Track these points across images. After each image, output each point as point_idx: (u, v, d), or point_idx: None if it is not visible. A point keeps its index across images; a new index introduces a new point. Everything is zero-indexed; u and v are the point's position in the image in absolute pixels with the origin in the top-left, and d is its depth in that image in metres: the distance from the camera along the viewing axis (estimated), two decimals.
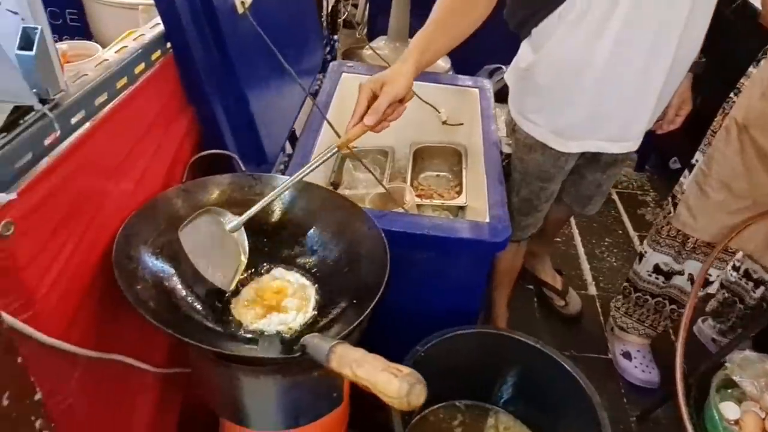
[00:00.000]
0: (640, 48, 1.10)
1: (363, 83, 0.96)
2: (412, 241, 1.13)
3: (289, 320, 0.80)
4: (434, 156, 1.79)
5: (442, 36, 1.04)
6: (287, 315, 0.81)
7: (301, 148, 1.30)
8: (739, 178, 1.31)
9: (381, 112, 0.92)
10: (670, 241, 1.54)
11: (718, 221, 1.37)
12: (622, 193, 2.50)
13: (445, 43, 1.05)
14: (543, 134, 1.27)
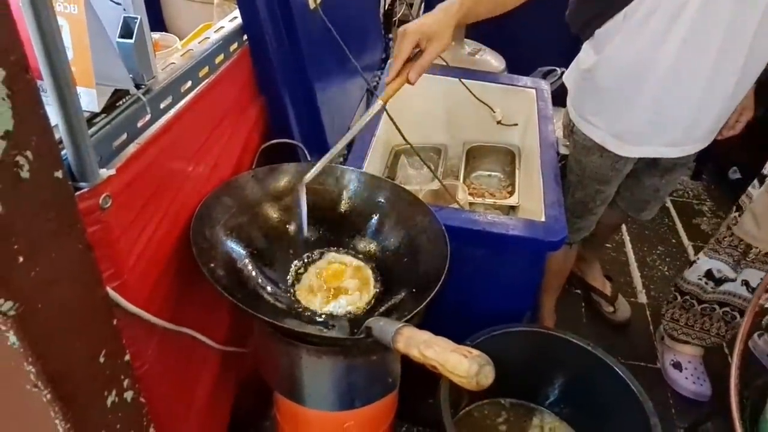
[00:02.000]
0: (708, 51, 1.08)
1: (407, 30, 0.92)
2: (467, 237, 1.14)
3: (356, 300, 0.83)
4: (487, 155, 1.79)
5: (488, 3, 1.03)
6: (352, 296, 0.84)
7: (360, 142, 1.33)
8: None
9: (427, 68, 0.92)
10: (731, 250, 1.50)
11: None
12: (676, 201, 2.44)
13: (490, 6, 1.04)
14: (602, 137, 1.26)
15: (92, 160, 0.60)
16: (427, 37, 0.91)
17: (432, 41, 0.92)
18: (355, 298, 0.84)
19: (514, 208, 1.56)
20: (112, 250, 0.67)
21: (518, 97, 1.72)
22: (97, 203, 0.62)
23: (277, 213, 0.96)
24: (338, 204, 0.98)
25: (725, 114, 1.23)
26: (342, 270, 0.93)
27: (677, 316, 1.66)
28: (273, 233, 0.94)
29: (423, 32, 0.92)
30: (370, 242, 0.97)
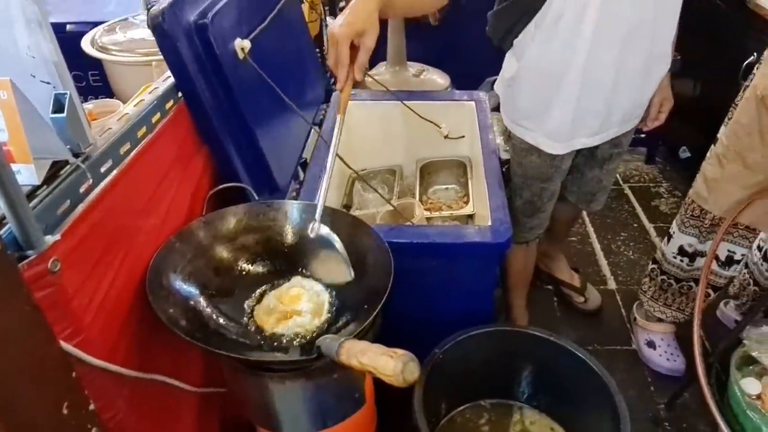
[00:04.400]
0: (613, 48, 1.17)
1: (338, 35, 0.92)
2: (420, 250, 1.20)
3: (306, 323, 0.88)
4: (441, 170, 1.87)
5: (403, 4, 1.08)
6: (303, 318, 0.89)
7: (312, 175, 1.39)
8: (755, 149, 1.33)
9: (366, 64, 0.95)
10: (694, 221, 1.54)
11: (730, 195, 1.40)
12: (634, 187, 2.53)
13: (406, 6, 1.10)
14: (535, 138, 1.34)
15: (36, 229, 0.66)
16: (358, 34, 0.93)
17: (364, 36, 0.94)
18: (305, 320, 0.89)
19: (472, 217, 1.62)
20: (67, 309, 0.72)
21: (460, 110, 1.80)
22: (45, 268, 0.67)
23: (231, 253, 1.01)
24: (286, 236, 1.04)
25: (637, 102, 1.32)
26: (300, 294, 0.98)
27: (657, 296, 1.71)
28: (228, 272, 1.00)
29: (353, 30, 0.93)
30: None
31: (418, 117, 1.75)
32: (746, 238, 1.49)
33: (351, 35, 0.93)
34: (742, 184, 1.36)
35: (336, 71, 0.95)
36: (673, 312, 1.68)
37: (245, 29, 1.19)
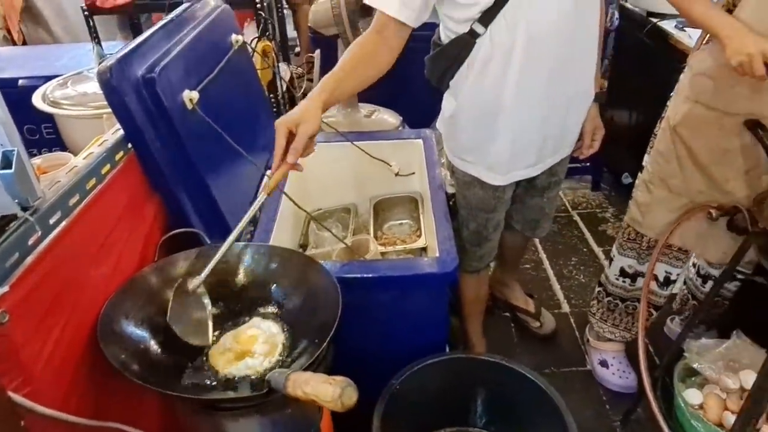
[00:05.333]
0: (539, 85, 1.26)
1: (278, 123, 1.04)
2: (372, 284, 1.25)
3: (257, 364, 0.91)
4: (394, 206, 1.93)
5: (350, 80, 1.20)
6: (255, 360, 0.92)
7: (266, 216, 1.43)
8: (675, 176, 1.44)
9: (301, 149, 1.04)
10: (631, 243, 1.64)
11: (661, 218, 1.50)
12: (582, 213, 2.65)
13: (351, 87, 1.22)
14: (477, 171, 1.42)
15: None
16: (295, 123, 1.04)
17: (301, 125, 1.04)
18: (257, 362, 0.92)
19: (425, 249, 1.68)
20: (16, 360, 0.73)
21: (409, 148, 1.88)
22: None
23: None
24: (237, 278, 1.07)
25: (568, 133, 1.42)
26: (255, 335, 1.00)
27: (605, 317, 1.79)
28: None
29: (292, 120, 1.04)
30: (273, 307, 1.05)
31: (369, 156, 1.82)
32: (680, 259, 1.59)
33: (288, 124, 1.04)
34: (669, 208, 1.46)
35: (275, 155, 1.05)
36: (621, 332, 1.76)
37: (194, 80, 1.25)
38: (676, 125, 1.39)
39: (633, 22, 2.43)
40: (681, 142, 1.39)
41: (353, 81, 1.22)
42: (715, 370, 1.41)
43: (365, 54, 1.22)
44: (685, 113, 1.37)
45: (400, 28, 1.22)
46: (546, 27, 1.20)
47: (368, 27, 1.26)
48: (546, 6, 1.19)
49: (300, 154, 1.05)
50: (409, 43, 1.40)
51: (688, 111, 1.36)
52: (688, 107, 1.36)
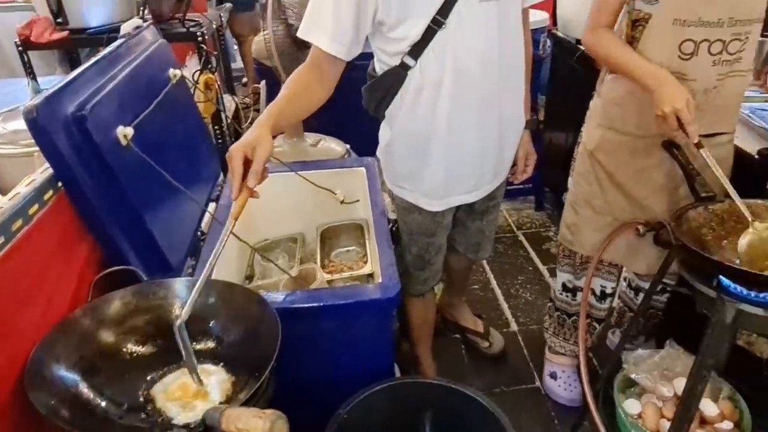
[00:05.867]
0: (470, 114, 1.32)
1: (232, 151, 1.04)
2: (316, 313, 1.25)
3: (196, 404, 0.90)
4: (341, 233, 1.95)
5: (291, 110, 1.23)
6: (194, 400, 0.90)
7: (206, 251, 1.42)
8: (597, 196, 1.54)
9: (260, 173, 1.04)
10: (567, 259, 1.72)
11: (590, 236, 1.58)
12: (527, 233, 2.73)
13: (293, 115, 1.27)
14: (414, 198, 1.46)
15: None
16: (250, 148, 1.04)
17: (256, 149, 1.04)
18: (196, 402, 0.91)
19: (372, 275, 1.70)
20: None
21: (353, 176, 1.91)
22: None
23: (119, 336, 1.02)
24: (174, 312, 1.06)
25: (503, 160, 1.48)
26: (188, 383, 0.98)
27: (557, 332, 1.84)
28: (117, 357, 0.99)
29: (247, 144, 1.04)
30: (213, 342, 1.04)
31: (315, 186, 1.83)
32: (612, 273, 1.67)
33: (243, 149, 1.04)
34: (595, 227, 1.54)
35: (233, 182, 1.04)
36: (571, 346, 1.82)
37: (128, 116, 1.24)
38: (593, 150, 1.48)
39: (564, 49, 2.57)
40: (599, 165, 1.48)
41: (294, 110, 1.26)
42: (651, 379, 1.47)
43: (302, 86, 1.25)
44: (600, 138, 1.46)
45: (333, 62, 1.25)
46: (473, 59, 1.26)
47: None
48: (472, 39, 1.25)
49: (259, 178, 1.05)
50: (354, 72, 1.44)
51: (602, 136, 1.45)
52: (601, 133, 1.45)
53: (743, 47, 1.31)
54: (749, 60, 1.36)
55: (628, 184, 1.46)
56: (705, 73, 1.32)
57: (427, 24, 1.22)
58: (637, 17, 1.35)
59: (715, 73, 1.33)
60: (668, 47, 1.30)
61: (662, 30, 1.30)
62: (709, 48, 1.29)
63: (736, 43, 1.30)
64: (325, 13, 1.21)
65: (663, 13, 1.29)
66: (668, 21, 1.29)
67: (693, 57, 1.30)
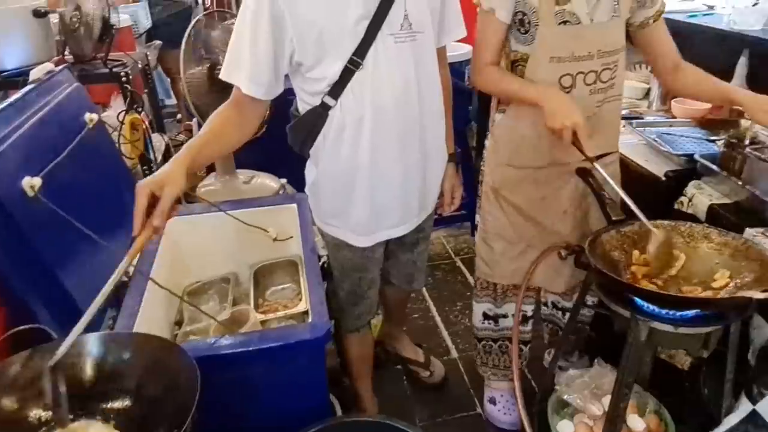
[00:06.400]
0: (392, 151, 1.34)
1: (140, 185, 1.02)
2: (244, 358, 1.22)
3: None
4: (275, 271, 1.91)
5: (212, 147, 1.22)
6: None
7: (131, 300, 1.37)
8: (507, 228, 1.60)
9: (167, 212, 1.01)
10: (485, 291, 1.77)
11: (508, 266, 1.64)
12: (464, 258, 2.78)
13: (214, 152, 1.25)
14: (343, 234, 1.46)
15: None
16: (159, 186, 1.01)
17: (165, 187, 1.01)
18: None
19: (307, 313, 1.68)
20: None
21: (286, 213, 1.89)
22: None
23: (21, 402, 0.96)
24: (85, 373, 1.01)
25: (429, 193, 1.51)
26: None
27: (485, 360, 1.87)
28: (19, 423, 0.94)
29: (154, 182, 1.02)
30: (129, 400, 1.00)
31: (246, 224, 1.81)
32: (530, 297, 1.73)
33: (149, 186, 1.01)
34: (510, 256, 1.60)
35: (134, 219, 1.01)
36: (501, 371, 1.85)
37: (36, 166, 1.19)
38: (497, 188, 1.55)
39: None
40: (504, 200, 1.55)
41: (215, 147, 1.25)
42: (582, 398, 1.51)
43: (223, 124, 1.25)
44: (501, 176, 1.54)
45: (253, 102, 1.26)
46: (392, 97, 1.29)
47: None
48: (390, 78, 1.28)
49: (166, 216, 1.02)
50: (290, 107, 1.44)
51: (503, 174, 1.53)
52: (501, 171, 1.53)
53: (614, 75, 1.43)
54: (620, 85, 1.49)
55: (535, 213, 1.54)
56: (585, 102, 1.41)
57: (344, 65, 1.24)
58: (515, 58, 1.44)
59: (594, 101, 1.43)
60: (549, 82, 1.39)
61: (541, 68, 1.39)
62: (584, 79, 1.40)
63: (607, 72, 1.41)
64: (243, 55, 1.22)
65: (539, 53, 1.38)
66: (545, 59, 1.38)
67: (572, 89, 1.40)
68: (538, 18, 1.34)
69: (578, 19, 1.34)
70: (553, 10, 1.33)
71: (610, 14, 1.37)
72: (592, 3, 1.35)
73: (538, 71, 1.39)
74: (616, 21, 1.39)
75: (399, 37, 1.26)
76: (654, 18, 1.45)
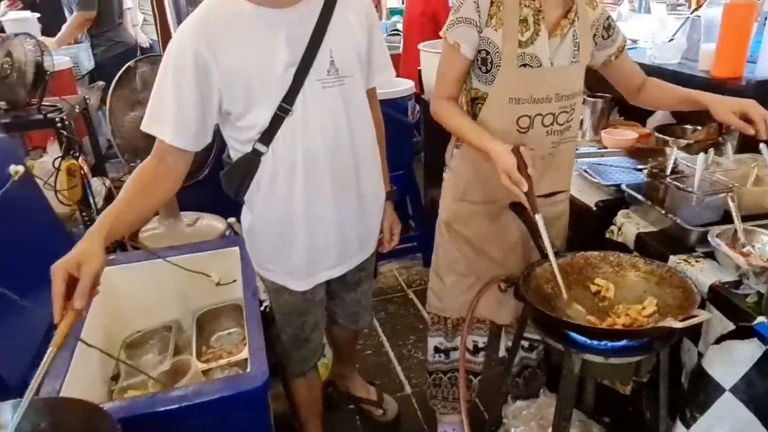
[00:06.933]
0: (326, 193, 1.35)
1: (54, 267, 0.97)
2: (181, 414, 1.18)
3: None
4: (219, 316, 1.88)
5: (133, 212, 1.17)
6: None
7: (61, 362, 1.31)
8: (459, 262, 1.61)
9: (88, 292, 0.96)
10: (437, 326, 1.77)
11: (458, 299, 1.64)
12: (417, 290, 2.79)
13: (134, 218, 1.19)
14: (282, 278, 1.45)
15: None
16: (75, 265, 0.97)
17: (83, 266, 0.97)
18: None
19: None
20: None
21: (228, 256, 1.86)
22: None
23: None
24: None
25: (367, 233, 1.51)
26: None
27: (435, 393, 1.86)
28: None
29: (69, 263, 0.97)
30: None
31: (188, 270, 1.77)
32: (481, 328, 1.74)
33: (64, 267, 0.97)
34: (461, 289, 1.61)
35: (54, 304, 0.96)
36: (451, 403, 1.84)
37: None
38: (451, 222, 1.57)
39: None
40: (457, 234, 1.58)
41: (136, 211, 1.19)
42: (528, 430, 1.52)
43: (147, 182, 1.22)
44: (456, 211, 1.56)
45: (180, 154, 1.24)
46: (323, 141, 1.30)
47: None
48: (320, 123, 1.29)
49: (87, 297, 0.97)
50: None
51: (458, 209, 1.55)
52: (456, 206, 1.56)
53: (570, 117, 1.46)
54: (576, 127, 1.53)
55: (486, 247, 1.56)
56: (541, 143, 1.44)
57: (273, 112, 1.25)
58: (475, 95, 1.47)
59: (549, 142, 1.46)
60: (507, 122, 1.41)
61: (500, 107, 1.41)
62: (542, 121, 1.42)
63: (564, 114, 1.44)
64: (167, 105, 1.20)
65: (499, 93, 1.40)
66: (504, 100, 1.40)
67: (530, 130, 1.42)
68: (501, 58, 1.36)
69: (539, 63, 1.37)
70: (515, 52, 1.35)
71: (570, 59, 1.40)
72: (554, 47, 1.38)
73: (497, 111, 1.41)
74: (575, 66, 1.42)
75: (327, 83, 1.28)
76: (615, 55, 1.50)
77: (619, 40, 1.50)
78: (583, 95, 1.50)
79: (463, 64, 1.42)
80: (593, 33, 1.45)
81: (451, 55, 1.41)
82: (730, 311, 1.20)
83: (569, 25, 1.38)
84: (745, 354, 1.15)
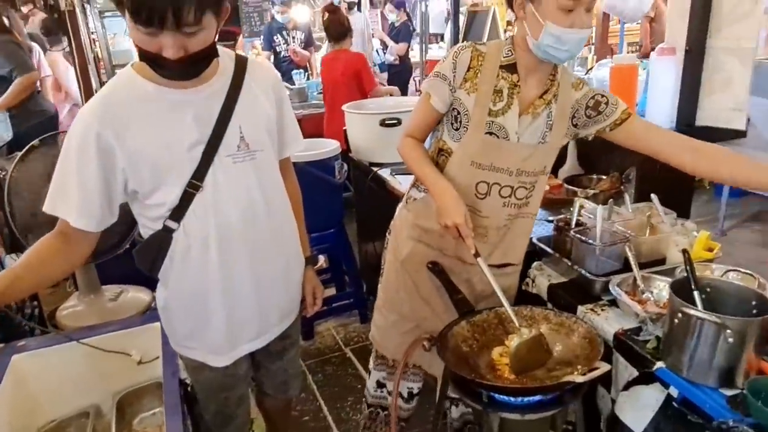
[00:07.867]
0: (242, 266, 1.34)
1: None
2: None
3: None
4: (143, 396, 1.79)
5: (29, 280, 1.17)
6: None
7: None
8: (403, 303, 1.62)
9: None
10: (380, 360, 1.77)
11: (394, 339, 1.65)
12: (354, 348, 2.77)
13: (30, 286, 1.19)
14: (201, 355, 1.41)
15: None
16: None
17: None
18: None
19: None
20: None
21: (150, 332, 1.79)
22: None
23: None
24: None
25: (288, 300, 1.50)
26: None
27: (368, 426, 1.84)
28: None
29: None
30: None
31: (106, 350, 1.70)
32: (417, 375, 1.74)
33: None
34: (400, 331, 1.62)
35: None
36: None
37: None
38: (403, 260, 1.58)
39: (360, 170, 2.79)
40: (407, 275, 1.58)
41: (33, 280, 1.20)
42: None
43: (45, 255, 1.21)
44: (411, 250, 1.56)
45: (83, 234, 1.21)
46: (236, 215, 1.30)
47: None
48: (233, 197, 1.29)
49: None
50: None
51: (412, 249, 1.56)
52: (412, 245, 1.56)
53: (530, 194, 1.49)
54: (536, 205, 1.54)
55: (430, 297, 1.58)
56: (496, 213, 1.48)
57: (182, 189, 1.24)
58: (443, 147, 1.50)
59: (505, 214, 1.49)
60: (466, 184, 1.45)
61: (462, 167, 1.45)
62: (499, 191, 1.45)
63: (522, 190, 1.47)
64: (70, 186, 1.18)
65: (463, 153, 1.44)
66: (467, 161, 1.44)
67: (487, 197, 1.46)
68: (470, 121, 1.40)
69: (506, 134, 1.40)
70: (484, 119, 1.39)
71: (538, 139, 1.42)
72: (524, 125, 1.40)
73: (459, 169, 1.44)
74: (543, 147, 1.43)
75: (237, 158, 1.29)
76: (610, 127, 1.43)
77: (615, 115, 1.43)
78: (546, 175, 1.50)
79: (432, 116, 1.47)
80: (572, 114, 1.45)
81: (422, 103, 1.48)
82: (633, 358, 1.26)
83: (544, 106, 1.41)
84: (650, 399, 1.21)
